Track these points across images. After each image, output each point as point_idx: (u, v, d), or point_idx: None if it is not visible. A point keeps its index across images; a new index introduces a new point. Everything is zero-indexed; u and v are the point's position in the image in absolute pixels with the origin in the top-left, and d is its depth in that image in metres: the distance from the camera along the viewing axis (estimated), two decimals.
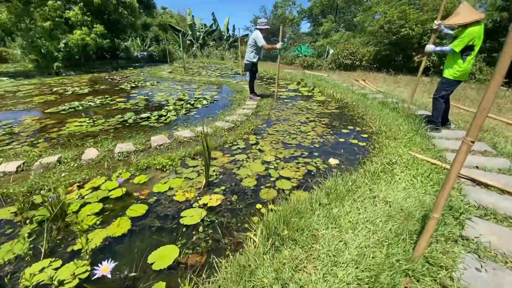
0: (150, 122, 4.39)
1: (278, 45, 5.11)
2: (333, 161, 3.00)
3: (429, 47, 3.62)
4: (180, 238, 1.85)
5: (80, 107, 5.33)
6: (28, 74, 10.21)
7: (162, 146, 3.38)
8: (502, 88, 7.08)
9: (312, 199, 2.10)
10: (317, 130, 4.04)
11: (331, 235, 1.73)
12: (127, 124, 4.31)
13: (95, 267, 1.31)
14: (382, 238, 1.70)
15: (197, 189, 2.45)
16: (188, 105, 5.41)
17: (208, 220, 2.04)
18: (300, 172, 2.76)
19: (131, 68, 12.48)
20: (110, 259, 1.40)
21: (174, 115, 4.73)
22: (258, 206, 2.21)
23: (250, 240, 1.73)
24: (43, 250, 1.72)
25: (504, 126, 4.21)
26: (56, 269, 1.60)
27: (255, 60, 5.43)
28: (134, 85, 7.79)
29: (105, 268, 1.25)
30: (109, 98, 6.11)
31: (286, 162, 3.00)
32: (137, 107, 5.38)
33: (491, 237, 1.88)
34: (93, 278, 1.44)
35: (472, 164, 2.95)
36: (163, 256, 1.68)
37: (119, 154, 3.08)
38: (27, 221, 2.01)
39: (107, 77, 9.61)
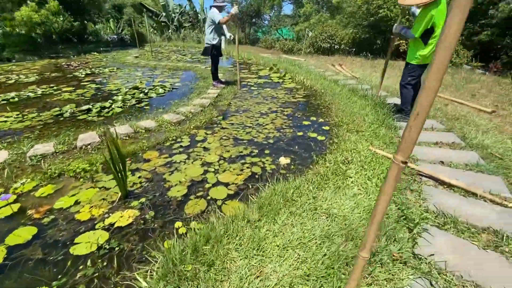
0: (90, 116, 3.84)
1: (233, 10, 4.54)
2: (283, 161, 2.62)
3: (396, 27, 3.23)
4: (60, 276, 1.43)
5: (16, 99, 4.66)
6: None
7: (89, 146, 2.88)
8: (478, 71, 6.88)
9: (238, 215, 1.71)
10: (276, 122, 3.64)
11: (248, 268, 1.36)
12: (62, 119, 3.74)
13: None
14: (310, 271, 1.35)
15: (110, 203, 2.01)
16: (142, 95, 4.84)
17: (107, 247, 1.62)
18: (242, 176, 2.37)
19: (96, 53, 11.46)
20: None
21: (120, 107, 4.17)
22: (178, 224, 1.81)
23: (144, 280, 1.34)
24: None
25: (476, 113, 3.96)
26: None
27: (215, 42, 4.88)
28: (90, 72, 7.04)
29: None
30: (54, 87, 5.42)
31: (230, 162, 2.59)
32: (82, 97, 4.76)
33: (448, 254, 1.58)
34: None
35: (438, 159, 2.66)
36: None
37: (32, 158, 2.57)
38: None
39: (64, 63, 8.71)
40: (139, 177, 2.34)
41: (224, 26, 4.91)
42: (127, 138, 3.09)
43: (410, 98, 3.49)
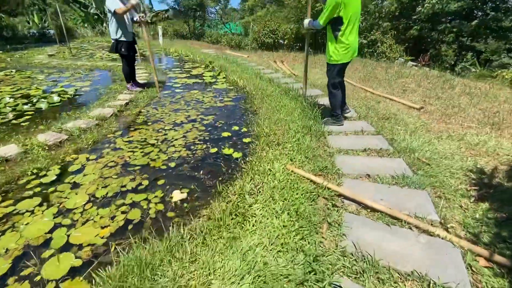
0: None
1: (133, 0, 3.75)
2: (177, 196, 2.01)
3: (305, 21, 2.84)
4: None
5: None
6: None
7: None
8: (410, 64, 7.08)
9: None
10: (189, 136, 3.01)
11: None
12: None
13: None
14: None
15: None
16: (27, 106, 3.79)
17: None
18: (109, 228, 1.70)
19: (2, 52, 9.46)
20: None
21: None
22: None
23: None
24: None
25: (406, 110, 3.80)
26: None
27: (120, 36, 4.02)
28: None
29: None
30: None
31: (102, 206, 1.90)
32: None
33: None
34: None
35: (364, 171, 2.31)
36: None
37: None
38: None
39: None
40: None
41: (127, 18, 4.06)
42: None
43: (339, 101, 3.15)
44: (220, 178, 2.23)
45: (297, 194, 1.93)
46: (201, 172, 2.30)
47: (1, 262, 1.45)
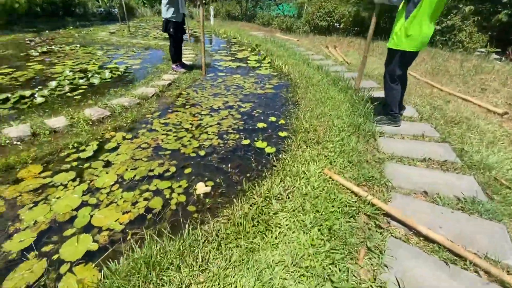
0: (2, 108, 3.11)
1: None
2: (201, 189, 1.89)
3: None
4: None
5: None
6: None
7: None
8: (494, 57, 5.84)
9: None
10: (224, 123, 2.86)
11: None
12: None
13: None
14: None
15: None
16: (82, 80, 4.06)
17: None
18: (129, 215, 1.66)
19: (72, 28, 10.48)
20: None
21: (45, 97, 3.43)
22: None
23: None
24: None
25: (484, 115, 3.11)
26: None
27: (170, 16, 3.99)
28: (47, 50, 6.21)
29: None
30: None
31: (126, 189, 1.88)
32: (14, 82, 4.01)
33: None
34: None
35: (421, 187, 1.92)
36: None
37: None
38: None
39: (27, 39, 7.85)
40: None
41: (181, 0, 4.00)
42: (18, 143, 2.38)
43: (398, 98, 2.66)
44: (247, 175, 2.04)
45: (333, 206, 1.65)
46: (229, 165, 2.15)
47: (28, 234, 1.50)
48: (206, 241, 1.41)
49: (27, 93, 3.41)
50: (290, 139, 2.50)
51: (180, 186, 1.92)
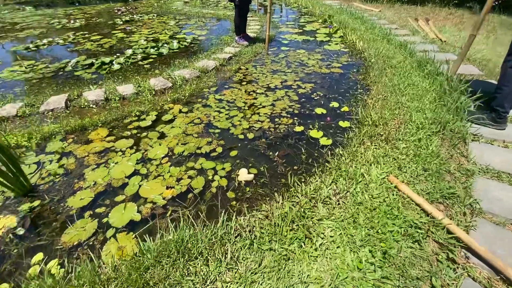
0: (86, 72, 3.54)
1: None
2: (243, 176, 1.78)
3: None
4: None
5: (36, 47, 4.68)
6: (50, 3, 9.95)
7: (52, 112, 2.56)
8: None
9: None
10: (278, 104, 2.65)
11: None
12: (61, 73, 3.54)
13: None
14: None
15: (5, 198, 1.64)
16: (153, 50, 4.30)
17: None
18: (172, 191, 1.68)
19: None
20: None
21: (121, 64, 3.74)
22: (38, 257, 1.31)
23: None
24: None
25: None
26: None
27: None
28: (128, 19, 6.78)
29: None
30: (86, 35, 5.33)
31: (174, 164, 1.91)
32: (100, 48, 4.51)
33: None
34: None
35: None
36: None
37: None
38: None
39: (116, 8, 8.73)
40: (62, 166, 1.89)
41: None
42: (93, 106, 2.66)
43: None
44: (295, 167, 1.84)
45: (393, 224, 1.35)
46: (277, 154, 1.97)
47: (88, 193, 1.66)
48: (239, 236, 1.32)
49: (107, 59, 3.78)
50: (352, 132, 2.16)
51: (223, 169, 1.85)
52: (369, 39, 4.27)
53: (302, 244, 1.27)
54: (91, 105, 2.67)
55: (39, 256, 1.32)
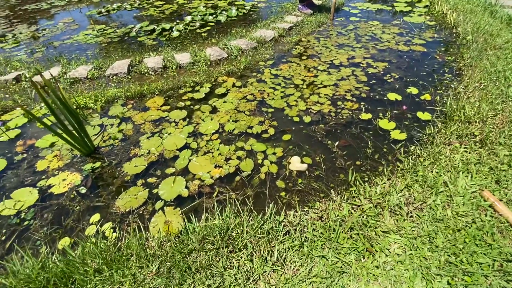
0: (148, 38, 3.61)
1: None
2: (295, 165, 1.61)
3: None
4: None
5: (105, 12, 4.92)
6: None
7: (116, 77, 2.68)
8: None
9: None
10: (342, 85, 2.33)
11: None
12: (126, 38, 3.68)
13: None
14: None
15: (71, 158, 1.78)
16: (211, 17, 4.17)
17: (17, 221, 1.42)
18: (220, 171, 1.61)
19: None
20: None
21: (179, 31, 3.72)
22: (94, 218, 1.39)
23: None
24: None
25: None
26: None
27: None
28: None
29: None
30: (151, 1, 5.43)
31: (224, 141, 1.83)
32: (161, 14, 4.55)
33: None
34: None
35: None
36: None
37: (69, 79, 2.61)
38: None
39: None
40: (121, 131, 1.97)
41: None
42: (152, 73, 2.70)
43: None
44: (357, 163, 1.59)
45: (484, 254, 1.06)
46: (337, 144, 1.73)
47: (141, 161, 1.70)
48: (287, 234, 1.19)
49: (167, 26, 3.78)
50: (435, 127, 1.78)
51: (274, 154, 1.71)
52: (465, 10, 3.44)
53: (362, 257, 1.09)
54: (150, 72, 2.71)
55: (96, 216, 1.40)
